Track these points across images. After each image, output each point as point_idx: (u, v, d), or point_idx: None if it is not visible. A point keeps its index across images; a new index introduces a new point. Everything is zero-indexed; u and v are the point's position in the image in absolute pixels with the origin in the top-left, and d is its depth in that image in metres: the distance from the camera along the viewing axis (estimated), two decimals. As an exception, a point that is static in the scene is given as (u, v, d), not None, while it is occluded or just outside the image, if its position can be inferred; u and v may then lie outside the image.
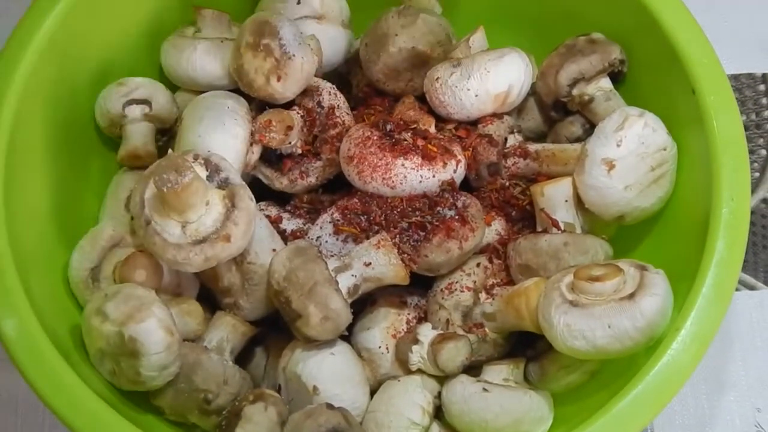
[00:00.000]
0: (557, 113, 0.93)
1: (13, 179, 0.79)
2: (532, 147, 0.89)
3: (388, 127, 0.85)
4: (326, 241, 0.83)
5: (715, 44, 0.83)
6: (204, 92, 0.89)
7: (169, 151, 0.82)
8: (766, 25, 1.15)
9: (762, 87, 1.11)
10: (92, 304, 0.76)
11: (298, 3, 0.94)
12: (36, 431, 0.95)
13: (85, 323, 0.76)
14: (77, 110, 0.91)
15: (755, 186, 1.07)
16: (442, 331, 0.80)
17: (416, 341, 0.80)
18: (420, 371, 0.81)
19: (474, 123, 0.90)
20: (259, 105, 0.89)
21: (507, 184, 0.89)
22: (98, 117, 0.92)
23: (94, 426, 0.70)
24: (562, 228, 0.83)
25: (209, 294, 0.86)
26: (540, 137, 0.96)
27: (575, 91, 0.90)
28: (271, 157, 0.89)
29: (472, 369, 0.81)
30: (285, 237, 0.87)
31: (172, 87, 0.94)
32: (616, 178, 0.80)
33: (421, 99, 0.92)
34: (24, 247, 0.78)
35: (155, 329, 0.72)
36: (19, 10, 0.85)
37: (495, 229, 0.88)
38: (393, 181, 0.82)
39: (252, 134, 0.85)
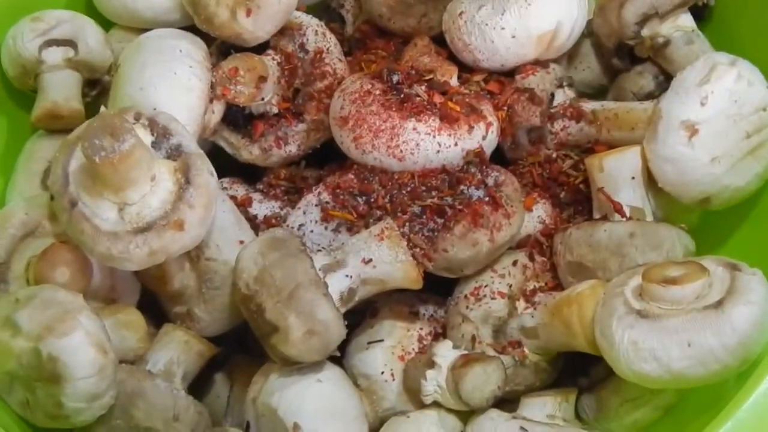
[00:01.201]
0: (621, 61, 0.94)
1: None
2: (588, 106, 0.90)
3: (395, 78, 0.86)
4: (311, 231, 0.84)
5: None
6: (148, 30, 0.90)
7: (102, 108, 0.83)
8: None
9: None
10: (-1, 312, 0.76)
11: None
12: None
13: (-12, 338, 0.77)
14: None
15: None
16: (466, 352, 0.81)
17: (432, 365, 0.80)
18: (436, 405, 0.81)
19: (510, 73, 0.90)
20: (221, 48, 0.89)
21: (554, 155, 0.89)
22: (6, 63, 0.92)
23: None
24: (628, 214, 0.84)
25: (154, 301, 0.86)
26: (598, 93, 0.97)
27: (646, 31, 0.91)
28: (238, 118, 0.89)
29: (507, 402, 0.82)
30: (256, 225, 0.88)
31: (105, 24, 0.95)
32: (700, 148, 0.80)
33: (439, 41, 0.92)
34: None
35: (83, 346, 0.72)
36: None
37: (538, 215, 0.88)
38: (401, 151, 0.83)
39: (212, 87, 0.86)
